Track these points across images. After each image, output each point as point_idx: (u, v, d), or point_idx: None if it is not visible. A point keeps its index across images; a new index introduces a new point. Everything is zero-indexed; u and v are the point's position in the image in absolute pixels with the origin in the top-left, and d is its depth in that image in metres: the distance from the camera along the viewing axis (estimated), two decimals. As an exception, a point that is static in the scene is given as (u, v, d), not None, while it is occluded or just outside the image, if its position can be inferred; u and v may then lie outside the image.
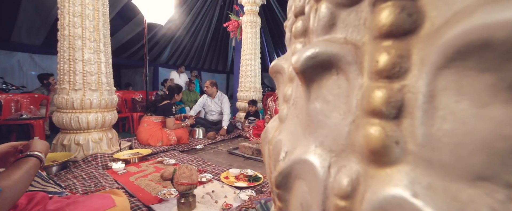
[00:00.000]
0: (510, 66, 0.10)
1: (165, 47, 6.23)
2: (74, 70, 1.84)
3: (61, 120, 1.84)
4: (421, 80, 0.13)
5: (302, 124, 0.22)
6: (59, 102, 1.86)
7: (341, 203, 0.16)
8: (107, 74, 2.02)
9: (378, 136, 0.14)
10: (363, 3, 0.18)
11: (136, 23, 4.87)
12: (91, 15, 1.89)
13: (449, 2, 0.13)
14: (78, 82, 1.84)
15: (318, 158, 0.19)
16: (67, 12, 1.83)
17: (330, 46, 0.18)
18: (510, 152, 0.10)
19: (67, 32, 1.83)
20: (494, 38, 0.10)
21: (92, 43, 1.90)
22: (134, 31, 5.13)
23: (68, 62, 1.84)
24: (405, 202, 0.12)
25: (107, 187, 1.33)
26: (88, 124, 1.86)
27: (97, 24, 1.93)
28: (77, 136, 1.87)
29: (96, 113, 1.90)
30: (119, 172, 1.61)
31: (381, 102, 0.15)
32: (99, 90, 1.93)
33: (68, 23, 1.83)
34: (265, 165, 0.35)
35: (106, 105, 1.97)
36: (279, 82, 0.33)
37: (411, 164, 0.13)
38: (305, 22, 0.26)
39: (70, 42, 1.83)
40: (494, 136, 0.10)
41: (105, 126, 1.99)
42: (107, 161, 1.77)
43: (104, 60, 1.98)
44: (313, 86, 0.20)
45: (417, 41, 0.14)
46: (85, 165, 1.72)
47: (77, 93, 1.85)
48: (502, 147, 0.10)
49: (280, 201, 0.22)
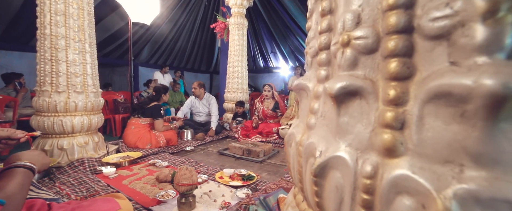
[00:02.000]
0: (461, 105, 0.20)
1: (145, 45, 6.01)
2: (57, 72, 1.76)
3: (42, 123, 1.75)
4: (415, 108, 0.23)
5: (332, 131, 0.31)
6: (39, 105, 1.76)
7: (367, 181, 0.25)
8: (93, 76, 1.95)
9: (390, 140, 0.24)
10: (377, 53, 0.28)
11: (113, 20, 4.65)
12: (75, 14, 1.82)
13: (430, 64, 0.23)
14: (61, 84, 1.76)
15: (348, 154, 0.28)
16: (48, 10, 1.74)
17: (356, 81, 0.28)
18: (460, 147, 0.20)
19: (48, 31, 1.75)
20: (454, 91, 0.20)
21: (77, 44, 1.83)
22: (112, 28, 4.89)
23: (50, 63, 1.75)
24: (408, 176, 0.22)
25: (101, 192, 1.32)
26: (73, 128, 1.79)
27: (82, 24, 1.86)
28: (61, 140, 1.78)
29: (81, 115, 1.84)
30: (111, 176, 1.58)
31: (391, 120, 0.24)
32: (85, 92, 1.86)
33: (49, 21, 1.74)
34: (290, 160, 0.44)
35: (92, 108, 1.91)
36: (302, 96, 0.42)
37: (410, 156, 0.23)
38: (328, 56, 0.35)
39: (52, 42, 1.75)
40: (453, 140, 0.20)
41: (91, 129, 1.93)
42: (96, 166, 1.72)
43: (90, 62, 1.92)
44: (342, 106, 0.30)
45: (412, 83, 0.24)
46: (71, 170, 1.65)
47: (60, 96, 1.77)
48: (456, 145, 0.20)
49: (316, 186, 0.32)
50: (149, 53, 6.37)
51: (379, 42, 0.27)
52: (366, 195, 0.25)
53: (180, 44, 6.75)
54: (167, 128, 2.50)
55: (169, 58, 7.05)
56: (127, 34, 5.27)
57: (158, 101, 2.55)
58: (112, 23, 4.72)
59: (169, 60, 7.07)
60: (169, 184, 1.50)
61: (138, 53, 6.19)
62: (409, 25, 0.24)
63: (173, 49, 6.80)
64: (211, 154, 2.37)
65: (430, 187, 0.20)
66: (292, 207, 0.48)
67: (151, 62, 6.75)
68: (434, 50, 0.23)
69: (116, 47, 5.48)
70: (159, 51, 6.54)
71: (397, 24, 0.24)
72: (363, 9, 0.29)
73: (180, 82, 4.82)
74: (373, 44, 0.28)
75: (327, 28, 0.35)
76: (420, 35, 0.23)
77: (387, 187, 0.23)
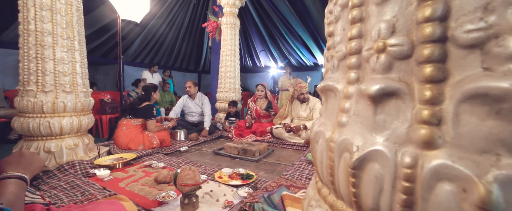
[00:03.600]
0: (496, 104, 0.24)
1: (132, 43, 5.80)
2: (43, 70, 1.66)
3: (26, 125, 1.65)
4: (451, 106, 0.27)
5: (368, 127, 0.35)
6: (23, 106, 1.66)
7: (408, 171, 0.29)
8: (82, 74, 1.87)
9: (428, 134, 0.28)
10: (411, 59, 0.31)
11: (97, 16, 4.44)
12: (63, 9, 1.73)
13: (464, 69, 0.27)
14: (48, 83, 1.67)
15: (386, 148, 0.32)
16: (32, 4, 1.65)
17: (393, 83, 0.32)
18: (497, 140, 0.24)
19: (32, 26, 1.65)
20: (491, 92, 0.24)
21: (65, 41, 1.74)
22: (96, 24, 4.66)
23: (35, 60, 1.65)
24: (448, 165, 0.26)
25: (98, 195, 1.27)
26: (61, 129, 1.70)
27: (71, 20, 1.78)
28: (48, 142, 1.69)
29: (71, 116, 1.75)
30: (105, 179, 1.53)
31: (428, 117, 0.28)
32: (75, 92, 1.78)
33: (34, 16, 1.65)
34: (317, 156, 0.47)
35: (82, 108, 1.83)
36: (329, 97, 0.46)
37: (448, 148, 0.27)
38: (359, 60, 0.38)
39: (38, 38, 1.65)
40: (489, 133, 0.24)
41: (81, 131, 1.84)
42: (88, 168, 1.65)
43: (79, 60, 1.83)
44: (379, 105, 0.33)
45: (446, 85, 0.28)
46: (61, 174, 1.58)
47: (47, 96, 1.67)
48: (492, 138, 0.24)
49: (354, 177, 0.35)
50: (135, 51, 6.15)
51: (413, 49, 0.31)
52: (407, 182, 0.29)
53: (168, 43, 6.59)
54: (160, 129, 2.45)
55: (156, 57, 6.86)
56: (111, 31, 5.05)
57: (149, 101, 2.49)
58: (95, 19, 4.51)
59: (156, 59, 6.88)
60: (168, 185, 1.48)
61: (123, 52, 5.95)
62: (443, 35, 0.28)
63: (160, 48, 6.62)
64: (206, 154, 2.36)
65: (471, 173, 0.24)
66: (315, 200, 0.51)
67: (137, 61, 6.52)
68: (467, 57, 0.27)
69: (99, 44, 5.23)
70: (146, 50, 6.34)
71: (433, 35, 0.28)
72: (397, 20, 0.32)
73: (169, 82, 4.71)
74: (408, 51, 0.31)
75: (358, 34, 0.38)
76: (453, 44, 0.27)
77: (428, 175, 0.27)
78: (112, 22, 4.76)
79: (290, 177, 1.61)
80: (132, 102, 2.48)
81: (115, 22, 4.69)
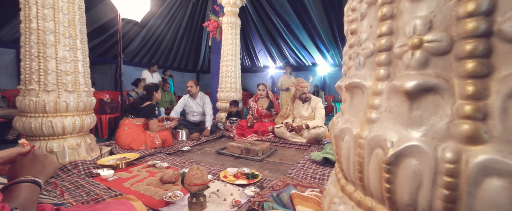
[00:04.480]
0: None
1: (130, 43, 5.75)
2: (45, 69, 1.63)
3: (28, 125, 1.62)
4: (497, 101, 0.27)
5: (402, 123, 0.35)
6: (25, 105, 1.63)
7: (450, 166, 0.29)
8: (84, 74, 1.84)
9: (472, 129, 0.28)
10: (450, 54, 0.31)
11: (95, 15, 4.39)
12: (65, 8, 1.70)
13: (511, 64, 0.27)
14: (50, 82, 1.64)
15: (424, 143, 0.31)
16: (34, 3, 1.62)
17: (430, 79, 0.31)
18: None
19: (34, 25, 1.62)
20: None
21: (67, 40, 1.71)
22: (94, 23, 4.60)
23: (37, 59, 1.63)
24: (498, 159, 0.26)
25: (104, 195, 1.25)
26: (63, 129, 1.68)
27: (73, 18, 1.75)
28: (50, 142, 1.66)
29: (73, 116, 1.73)
30: (109, 179, 1.51)
31: (472, 112, 0.28)
32: (77, 91, 1.75)
33: (36, 15, 1.62)
34: (343, 153, 0.46)
35: (84, 108, 1.80)
36: (355, 94, 0.45)
37: (496, 143, 0.27)
38: (389, 57, 0.38)
39: (40, 37, 1.62)
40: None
41: (83, 131, 1.82)
42: (91, 168, 1.63)
43: (82, 59, 1.81)
44: (415, 101, 0.33)
45: (491, 80, 0.28)
46: (64, 174, 1.55)
47: (50, 95, 1.65)
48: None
49: (389, 173, 0.35)
50: (134, 51, 6.09)
51: (452, 44, 0.31)
52: (449, 178, 0.28)
53: (167, 42, 6.54)
54: (162, 128, 2.43)
55: (155, 57, 6.81)
56: (110, 30, 5.00)
57: (150, 101, 2.46)
58: (93, 18, 4.45)
59: (155, 58, 6.83)
60: (174, 185, 1.47)
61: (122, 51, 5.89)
62: (488, 30, 0.28)
63: (159, 48, 6.57)
64: (209, 153, 2.35)
65: (523, 168, 0.24)
66: (338, 197, 0.50)
67: (135, 61, 6.46)
68: (513, 52, 0.27)
69: (97, 43, 5.17)
70: (144, 49, 6.29)
71: (476, 30, 0.28)
72: (435, 16, 0.32)
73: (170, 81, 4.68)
74: (446, 46, 0.31)
75: (388, 31, 0.38)
76: (500, 39, 0.27)
77: (475, 170, 0.26)
78: (110, 21, 4.70)
79: (295, 176, 1.61)
80: (134, 102, 2.45)
81: (114, 21, 4.65)
